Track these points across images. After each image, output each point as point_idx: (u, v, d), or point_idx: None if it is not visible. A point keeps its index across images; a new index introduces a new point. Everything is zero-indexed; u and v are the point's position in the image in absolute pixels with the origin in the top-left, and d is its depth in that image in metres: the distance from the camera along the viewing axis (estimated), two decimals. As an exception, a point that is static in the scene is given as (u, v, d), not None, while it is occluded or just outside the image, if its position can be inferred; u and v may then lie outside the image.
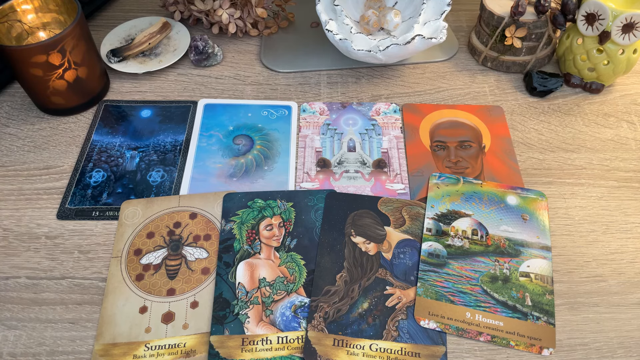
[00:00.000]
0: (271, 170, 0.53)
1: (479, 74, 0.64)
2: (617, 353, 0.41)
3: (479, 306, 0.43)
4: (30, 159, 0.55)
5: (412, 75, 0.64)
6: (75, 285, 0.45)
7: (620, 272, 0.46)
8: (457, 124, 0.57)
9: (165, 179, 0.53)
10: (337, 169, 0.53)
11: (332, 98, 0.61)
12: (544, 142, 0.56)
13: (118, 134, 0.57)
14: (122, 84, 0.62)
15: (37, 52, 0.51)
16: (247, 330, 0.42)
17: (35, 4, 0.57)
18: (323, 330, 0.41)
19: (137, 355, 0.41)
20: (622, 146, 0.56)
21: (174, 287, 0.44)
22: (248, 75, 0.64)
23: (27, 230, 0.49)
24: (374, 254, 0.46)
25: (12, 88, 0.62)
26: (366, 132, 0.57)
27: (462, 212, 0.49)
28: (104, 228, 0.49)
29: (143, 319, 0.42)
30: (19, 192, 0.52)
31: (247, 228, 0.48)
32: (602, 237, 0.48)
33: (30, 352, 0.41)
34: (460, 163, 0.54)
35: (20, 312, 0.43)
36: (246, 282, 0.44)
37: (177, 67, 0.64)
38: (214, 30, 0.67)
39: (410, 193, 0.51)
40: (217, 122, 0.58)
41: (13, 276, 0.46)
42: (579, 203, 0.51)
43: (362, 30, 0.63)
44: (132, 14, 0.71)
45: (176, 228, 0.48)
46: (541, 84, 0.60)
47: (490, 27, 0.62)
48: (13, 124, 0.58)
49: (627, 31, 0.54)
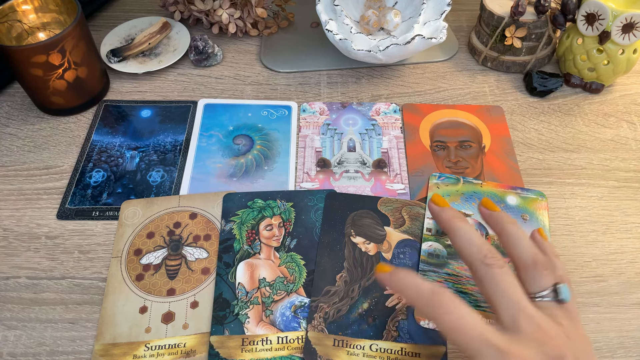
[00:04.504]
0: (271, 170, 0.53)
1: (479, 74, 0.64)
2: (617, 353, 0.41)
3: (479, 306, 0.43)
4: (30, 159, 0.55)
5: (412, 75, 0.64)
6: (75, 285, 0.45)
7: (620, 272, 0.46)
8: (457, 124, 0.57)
9: (165, 179, 0.53)
10: (337, 169, 0.53)
11: (332, 98, 0.61)
12: (544, 142, 0.56)
13: (118, 134, 0.57)
14: (122, 84, 0.62)
15: (37, 52, 0.51)
16: (247, 330, 0.42)
17: (35, 4, 0.57)
18: (323, 331, 0.41)
19: (137, 355, 0.41)
20: (622, 146, 0.56)
21: (174, 287, 0.44)
22: (248, 75, 0.64)
23: (27, 230, 0.49)
24: (374, 254, 0.46)
25: (12, 88, 0.62)
26: (366, 132, 0.57)
27: (462, 212, 0.49)
28: (104, 228, 0.49)
29: (143, 319, 0.42)
30: (19, 192, 0.52)
31: (247, 228, 0.48)
32: (602, 237, 0.48)
33: (30, 352, 0.41)
34: (460, 163, 0.54)
35: (20, 312, 0.43)
36: (246, 283, 0.44)
37: (177, 67, 0.64)
38: (214, 30, 0.67)
39: (410, 193, 0.51)
40: (217, 122, 0.58)
41: (13, 276, 0.46)
42: (579, 203, 0.51)
43: (362, 30, 0.63)
44: (132, 14, 0.71)
45: (176, 228, 0.48)
46: (541, 84, 0.60)
47: (490, 27, 0.62)
48: (13, 124, 0.58)
49: (627, 31, 0.54)
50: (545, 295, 0.34)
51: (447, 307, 0.32)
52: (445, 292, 0.33)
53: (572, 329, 0.33)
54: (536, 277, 0.34)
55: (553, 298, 0.34)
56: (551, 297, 0.34)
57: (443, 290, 0.33)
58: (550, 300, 0.34)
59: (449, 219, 0.37)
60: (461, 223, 0.37)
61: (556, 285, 0.34)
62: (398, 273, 0.35)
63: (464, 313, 0.32)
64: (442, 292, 0.33)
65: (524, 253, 0.36)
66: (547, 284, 0.34)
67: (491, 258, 0.34)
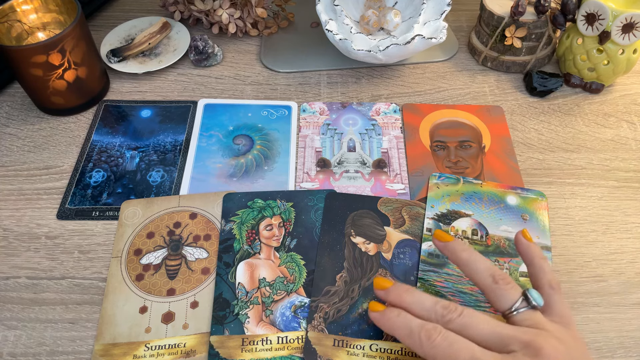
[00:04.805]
0: (271, 170, 0.53)
1: (479, 74, 0.64)
2: (617, 353, 0.41)
3: (479, 306, 0.43)
4: (30, 159, 0.55)
5: (412, 75, 0.64)
6: (75, 285, 0.45)
7: (620, 272, 0.46)
8: (457, 124, 0.57)
9: (165, 179, 0.53)
10: (337, 169, 0.53)
11: (332, 98, 0.61)
12: (544, 142, 0.56)
13: (118, 134, 0.57)
14: (122, 84, 0.62)
15: (37, 52, 0.51)
16: (247, 330, 0.42)
17: (35, 4, 0.57)
18: (323, 331, 0.41)
19: (137, 355, 0.41)
20: (622, 146, 0.56)
21: (174, 287, 0.44)
22: (248, 75, 0.64)
23: (27, 230, 0.49)
24: (373, 254, 0.46)
25: (12, 88, 0.62)
26: (366, 132, 0.57)
27: (462, 212, 0.49)
28: (104, 228, 0.49)
29: (143, 319, 0.42)
30: (19, 192, 0.52)
31: (247, 228, 0.48)
32: (602, 237, 0.48)
33: (30, 352, 0.41)
34: (460, 163, 0.54)
35: (20, 312, 0.43)
36: (246, 282, 0.44)
37: (177, 67, 0.64)
38: (214, 30, 0.67)
39: (410, 193, 0.51)
40: (217, 122, 0.58)
41: (13, 276, 0.46)
42: (579, 203, 0.51)
43: (362, 30, 0.63)
44: (132, 14, 0.71)
45: (176, 228, 0.48)
46: (541, 84, 0.60)
47: (490, 27, 0.62)
48: (13, 124, 0.58)
49: (627, 31, 0.54)
50: (519, 307, 0.35)
51: (435, 340, 0.33)
52: (430, 324, 0.34)
53: (561, 333, 0.33)
54: (503, 294, 0.35)
55: (527, 307, 0.34)
56: (525, 306, 0.35)
57: (430, 324, 0.34)
58: (526, 309, 0.34)
59: (395, 298, 0.37)
60: (409, 297, 0.36)
61: (525, 294, 0.35)
62: (390, 311, 0.36)
63: (452, 340, 0.33)
64: (428, 326, 0.34)
65: (483, 276, 0.36)
66: (515, 296, 0.35)
67: (447, 314, 0.34)
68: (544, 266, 0.38)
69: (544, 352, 0.31)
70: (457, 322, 0.34)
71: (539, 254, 0.38)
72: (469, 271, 0.37)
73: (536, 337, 0.32)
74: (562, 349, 0.32)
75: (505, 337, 0.32)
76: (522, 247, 0.39)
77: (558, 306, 0.35)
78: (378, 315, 0.36)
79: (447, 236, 0.39)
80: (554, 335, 0.33)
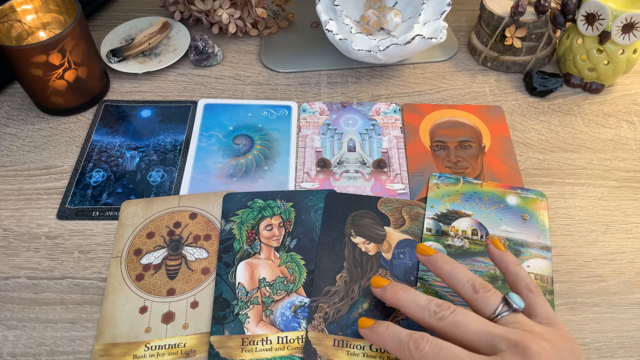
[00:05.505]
0: (271, 170, 0.53)
1: (479, 74, 0.64)
2: (617, 353, 0.41)
3: (479, 306, 0.43)
4: (30, 159, 0.55)
5: (412, 75, 0.64)
6: (75, 285, 0.45)
7: (620, 272, 0.46)
8: (457, 124, 0.57)
9: (165, 179, 0.53)
10: (337, 169, 0.53)
11: (332, 98, 0.61)
12: (544, 142, 0.56)
13: (118, 134, 0.57)
14: (122, 84, 0.62)
15: (37, 52, 0.51)
16: (247, 330, 0.42)
17: (35, 4, 0.57)
18: (323, 331, 0.41)
19: (137, 355, 0.41)
20: (622, 146, 0.56)
21: (174, 287, 0.44)
22: (248, 75, 0.64)
23: (27, 230, 0.49)
24: (373, 254, 0.46)
25: (12, 88, 0.62)
26: (366, 132, 0.57)
27: (462, 212, 0.49)
28: (104, 228, 0.49)
29: (143, 319, 0.43)
30: (19, 192, 0.52)
31: (247, 228, 0.48)
32: (602, 237, 0.48)
33: (30, 352, 0.41)
34: (460, 163, 0.54)
35: (20, 312, 0.43)
36: (246, 282, 0.44)
37: (177, 67, 0.64)
38: (214, 30, 0.67)
39: (410, 193, 0.51)
40: (217, 122, 0.58)
41: (13, 276, 0.46)
42: (579, 203, 0.51)
43: (362, 30, 0.63)
44: (132, 14, 0.71)
45: (176, 228, 0.48)
46: (541, 84, 0.60)
47: (490, 27, 0.62)
48: (13, 124, 0.58)
49: (627, 31, 0.54)
50: (502, 311, 0.35)
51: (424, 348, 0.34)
52: (417, 333, 0.35)
53: (550, 333, 0.34)
54: (484, 302, 0.36)
55: (509, 310, 0.35)
56: (507, 310, 0.35)
57: (418, 333, 0.35)
58: (508, 312, 0.35)
59: (392, 296, 0.39)
60: (404, 295, 0.38)
61: (505, 299, 0.36)
62: (379, 326, 0.37)
63: (440, 347, 0.33)
64: (416, 335, 0.35)
65: (465, 286, 0.37)
66: (496, 302, 0.36)
67: (440, 311, 0.35)
68: (520, 272, 0.38)
69: (531, 352, 0.32)
70: (449, 319, 0.35)
71: (513, 260, 0.39)
72: (452, 283, 0.38)
73: (523, 337, 0.33)
74: (549, 348, 0.32)
75: (494, 336, 0.33)
76: (495, 256, 0.40)
77: (541, 308, 0.36)
78: (367, 331, 0.38)
79: (429, 250, 0.41)
80: (542, 336, 0.33)
